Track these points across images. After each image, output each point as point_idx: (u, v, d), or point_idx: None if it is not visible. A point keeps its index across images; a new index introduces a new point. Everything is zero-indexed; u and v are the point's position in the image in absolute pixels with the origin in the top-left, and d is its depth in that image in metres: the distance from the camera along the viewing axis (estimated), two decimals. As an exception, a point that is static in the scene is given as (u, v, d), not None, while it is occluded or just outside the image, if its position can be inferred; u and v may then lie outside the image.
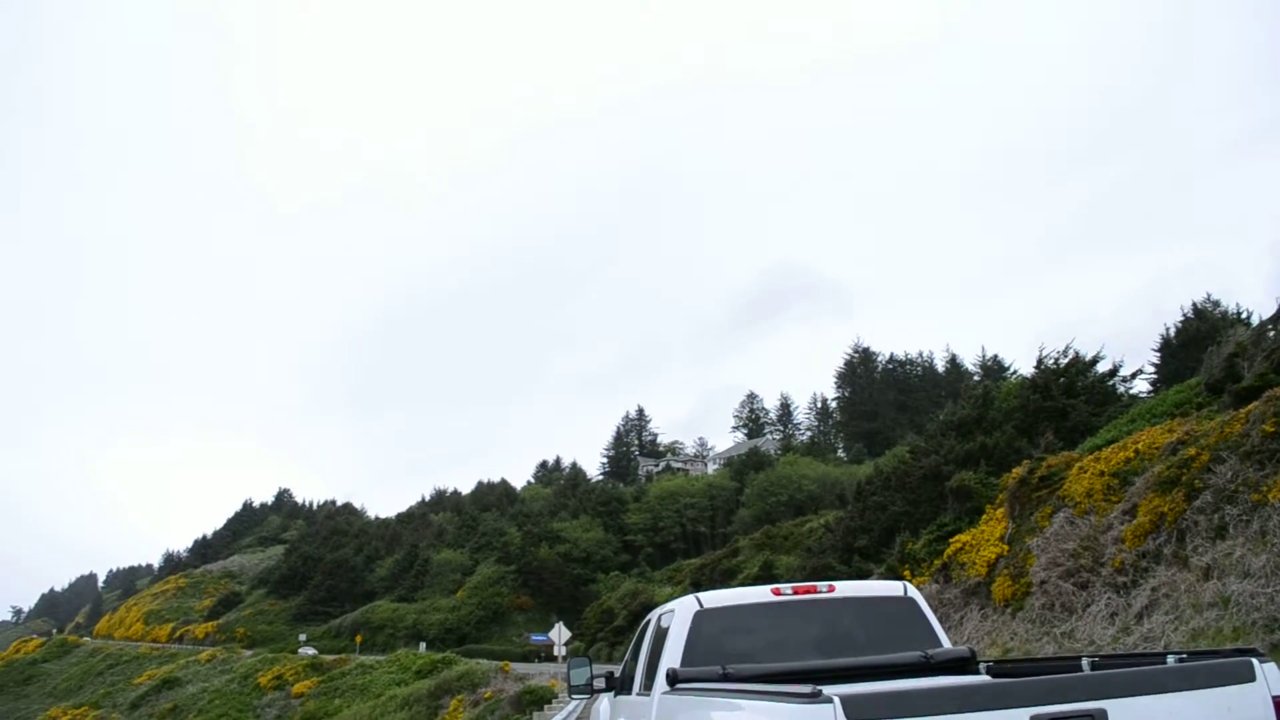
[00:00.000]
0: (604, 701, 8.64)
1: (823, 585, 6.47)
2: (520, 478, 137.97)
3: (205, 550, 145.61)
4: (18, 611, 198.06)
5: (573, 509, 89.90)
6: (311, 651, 63.16)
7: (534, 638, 64.89)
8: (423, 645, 63.93)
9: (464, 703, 34.81)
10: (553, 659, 51.81)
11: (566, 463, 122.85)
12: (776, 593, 6.44)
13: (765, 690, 4.28)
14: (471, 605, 76.24)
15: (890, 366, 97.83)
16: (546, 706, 22.61)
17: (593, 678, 8.30)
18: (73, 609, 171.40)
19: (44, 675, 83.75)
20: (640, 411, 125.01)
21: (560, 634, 40.69)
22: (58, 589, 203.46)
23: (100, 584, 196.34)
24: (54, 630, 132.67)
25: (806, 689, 3.70)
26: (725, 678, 5.46)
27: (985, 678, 5.61)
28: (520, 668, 45.27)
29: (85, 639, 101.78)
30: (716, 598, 6.56)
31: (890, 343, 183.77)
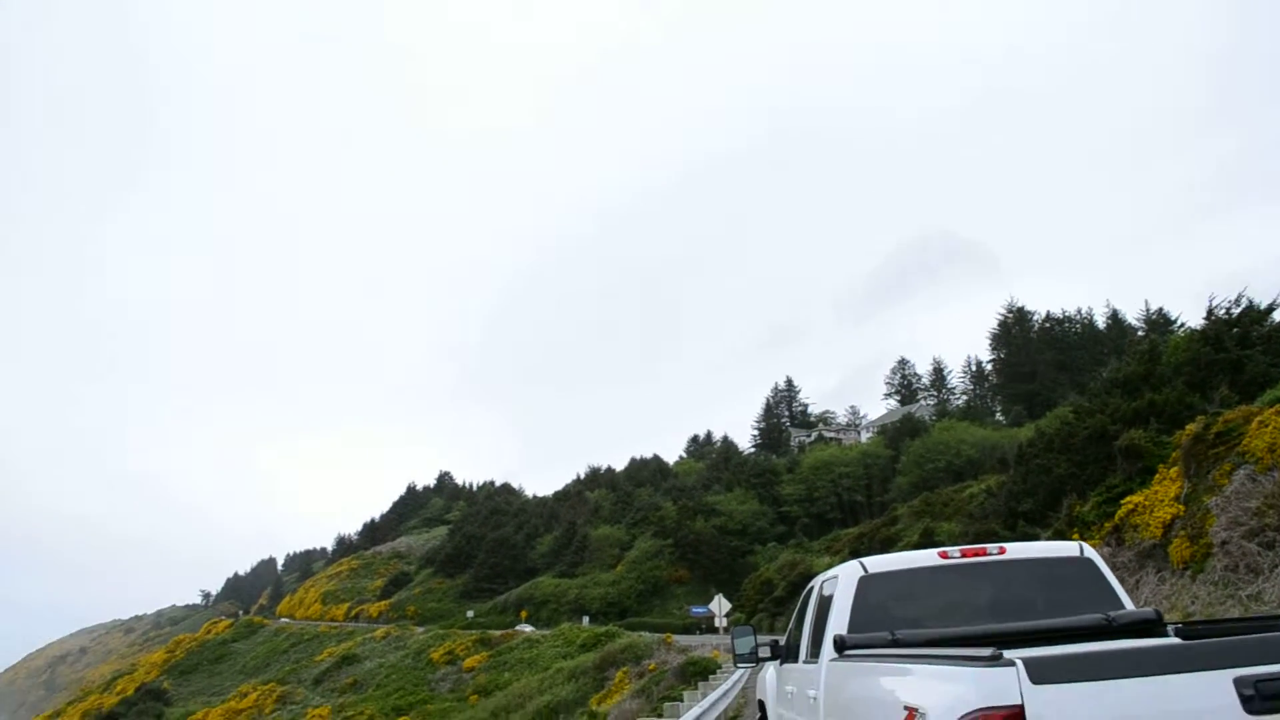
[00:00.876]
0: (769, 670, 8.66)
1: (992, 547, 6.29)
2: (672, 453, 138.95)
3: (374, 533, 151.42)
4: (206, 595, 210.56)
5: (726, 482, 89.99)
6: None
7: (694, 610, 65.38)
8: (585, 619, 65.19)
9: (629, 674, 35.35)
10: (714, 631, 52.15)
11: (718, 436, 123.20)
12: (944, 556, 6.28)
13: (942, 654, 4.20)
14: (631, 579, 77.28)
15: (1047, 325, 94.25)
16: (711, 677, 22.75)
17: (757, 646, 8.33)
18: (255, 591, 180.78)
19: (234, 654, 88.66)
20: (789, 383, 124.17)
21: (720, 606, 40.89)
22: (241, 573, 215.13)
23: (279, 567, 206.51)
24: (240, 612, 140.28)
25: (986, 652, 3.62)
26: (894, 643, 5.39)
27: (1176, 640, 5.19)
28: (682, 639, 45.72)
29: (268, 619, 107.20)
30: (881, 562, 6.46)
31: (1045, 301, 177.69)
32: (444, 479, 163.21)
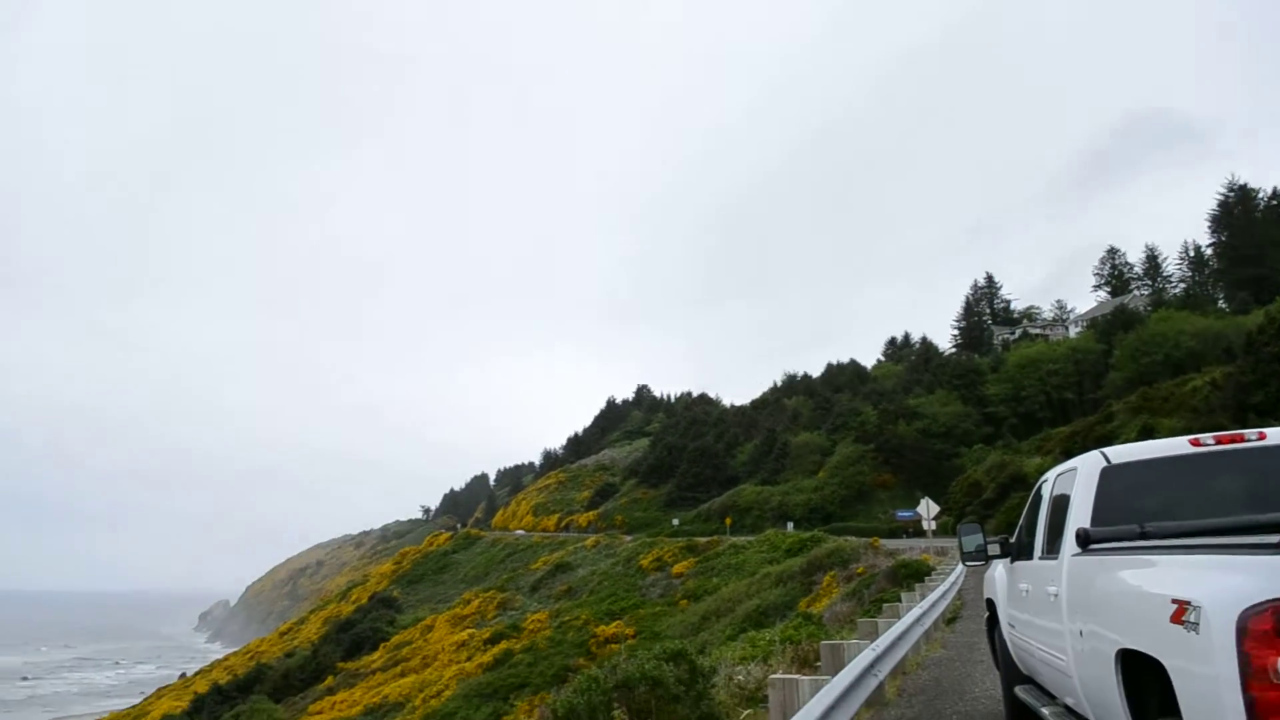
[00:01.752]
0: (998, 569, 8.36)
1: (1251, 433, 5.78)
2: (869, 357, 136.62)
3: (578, 447, 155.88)
4: (426, 510, 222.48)
5: (927, 384, 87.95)
6: (791, 526, 64.34)
7: (899, 514, 64.69)
8: (790, 525, 65.44)
9: (836, 578, 35.36)
10: (921, 534, 51.49)
11: (916, 338, 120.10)
12: (1195, 443, 5.81)
13: (1217, 544, 3.87)
14: (834, 485, 76.96)
15: (1274, 204, 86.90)
16: (927, 578, 22.42)
17: (985, 544, 8.04)
18: (471, 505, 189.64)
19: (455, 564, 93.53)
20: (989, 279, 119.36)
21: (928, 509, 40.24)
22: (457, 489, 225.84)
23: (492, 482, 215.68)
24: (458, 525, 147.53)
25: (1275, 539, 3.29)
26: (1143, 536, 5.03)
27: None
28: (889, 543, 45.37)
29: (484, 531, 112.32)
30: (1125, 452, 6.04)
31: (1272, 178, 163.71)
32: (642, 392, 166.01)
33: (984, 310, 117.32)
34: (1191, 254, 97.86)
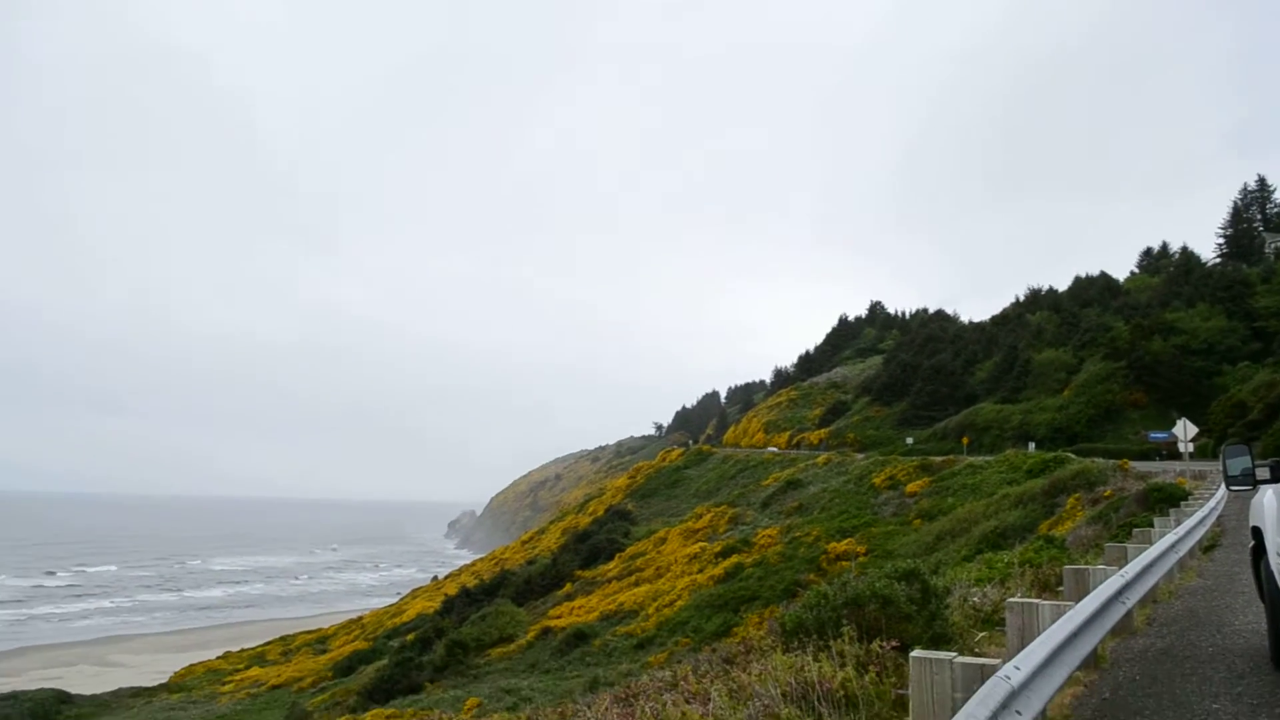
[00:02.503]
0: (1267, 494, 7.68)
1: None
2: (1121, 269, 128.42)
3: (809, 364, 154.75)
4: (659, 427, 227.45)
5: (1186, 297, 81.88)
6: (1033, 446, 59.97)
7: (1152, 435, 61.03)
8: (1031, 445, 62.98)
9: (1081, 501, 33.79)
10: (1176, 457, 48.41)
11: (1174, 248, 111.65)
12: None
13: None
14: (1080, 404, 73.19)
15: None
16: (1182, 503, 21.06)
17: (1254, 468, 7.39)
18: (702, 422, 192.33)
19: (686, 479, 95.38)
20: (1261, 182, 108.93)
21: (1185, 430, 37.74)
22: (688, 406, 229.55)
23: (723, 399, 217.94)
24: (689, 441, 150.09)
25: None
26: None
27: None
28: (1140, 466, 42.89)
29: (715, 448, 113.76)
30: None
31: None
32: (875, 309, 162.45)
33: (1254, 216, 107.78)
34: None
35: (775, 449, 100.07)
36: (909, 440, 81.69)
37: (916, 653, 5.98)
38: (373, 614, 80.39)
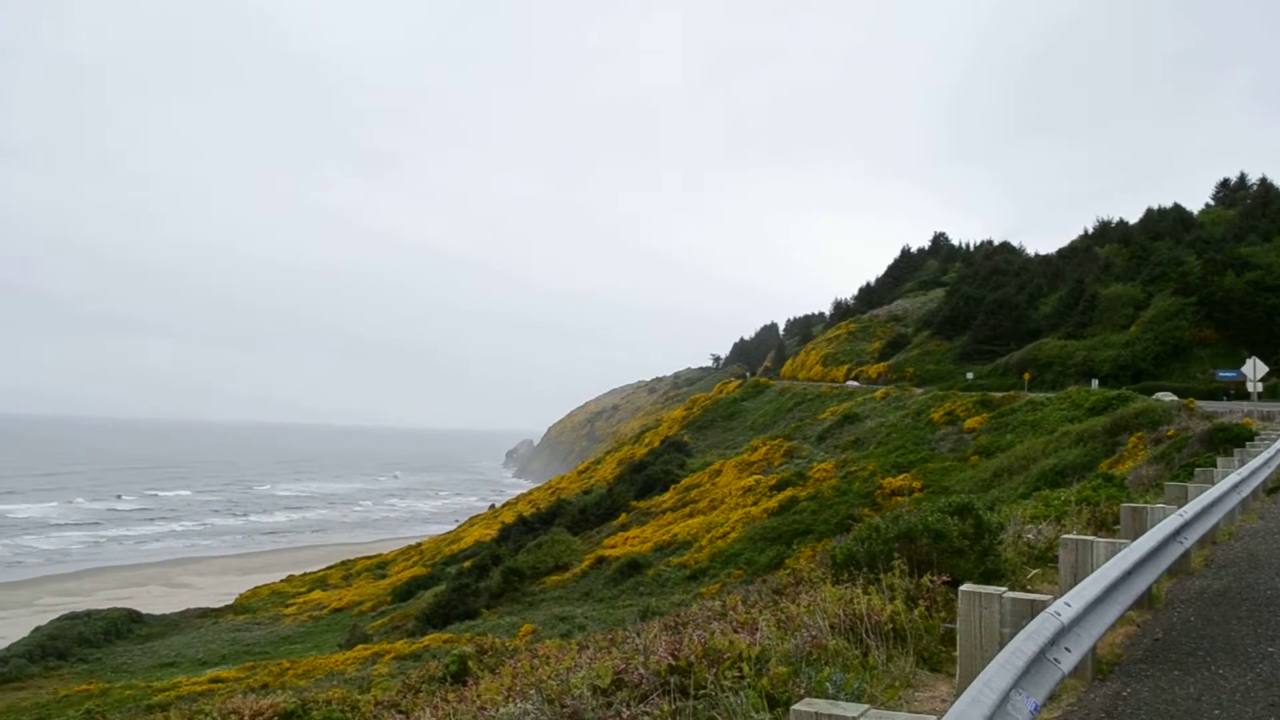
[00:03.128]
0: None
1: None
2: (1195, 201, 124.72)
3: (869, 297, 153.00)
4: (716, 359, 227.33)
5: (1263, 231, 79.52)
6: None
7: (1220, 374, 59.73)
8: (1094, 382, 62.01)
9: (1144, 440, 33.28)
10: (1245, 397, 47.41)
11: (1253, 179, 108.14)
12: None
13: None
14: (1146, 340, 71.73)
15: None
16: (1248, 444, 20.62)
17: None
18: (759, 355, 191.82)
19: (743, 412, 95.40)
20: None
21: (1255, 369, 36.92)
22: (746, 338, 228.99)
23: (781, 332, 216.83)
24: (746, 374, 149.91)
25: None
26: None
27: None
28: (1206, 405, 42.04)
29: (772, 380, 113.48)
30: None
31: None
32: (939, 240, 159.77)
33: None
34: None
35: (833, 382, 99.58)
36: (969, 375, 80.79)
37: (966, 587, 5.96)
38: (431, 540, 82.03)
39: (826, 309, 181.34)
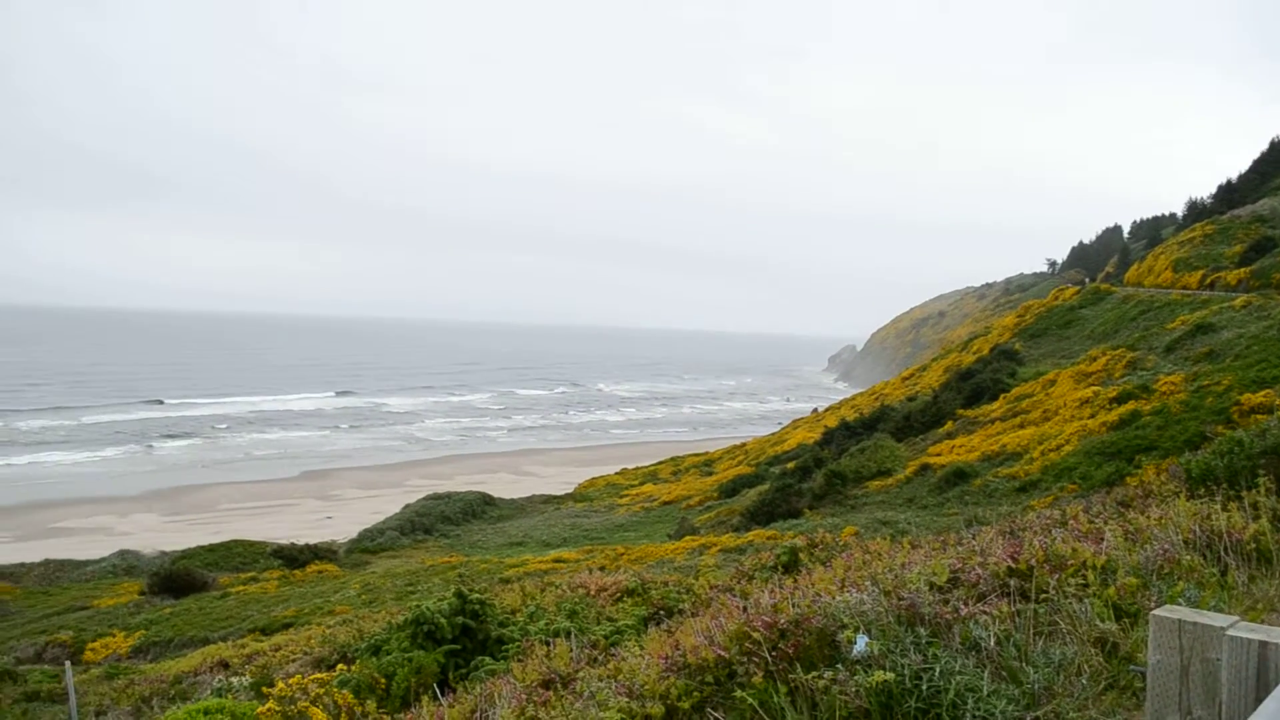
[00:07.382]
0: None
1: None
2: None
3: (1230, 196, 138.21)
4: (1052, 264, 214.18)
5: None
6: None
7: None
8: None
9: None
10: None
11: None
12: None
13: None
14: None
15: None
16: None
17: None
18: (1100, 260, 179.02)
19: (1080, 320, 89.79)
20: None
21: None
22: (1086, 242, 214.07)
23: (1125, 235, 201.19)
24: (1085, 279, 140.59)
25: None
26: None
27: None
28: None
29: (1115, 287, 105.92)
30: None
31: None
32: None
33: None
34: None
35: (1184, 289, 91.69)
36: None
37: (1344, 507, 5.61)
38: (755, 441, 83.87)
39: (1179, 210, 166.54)
